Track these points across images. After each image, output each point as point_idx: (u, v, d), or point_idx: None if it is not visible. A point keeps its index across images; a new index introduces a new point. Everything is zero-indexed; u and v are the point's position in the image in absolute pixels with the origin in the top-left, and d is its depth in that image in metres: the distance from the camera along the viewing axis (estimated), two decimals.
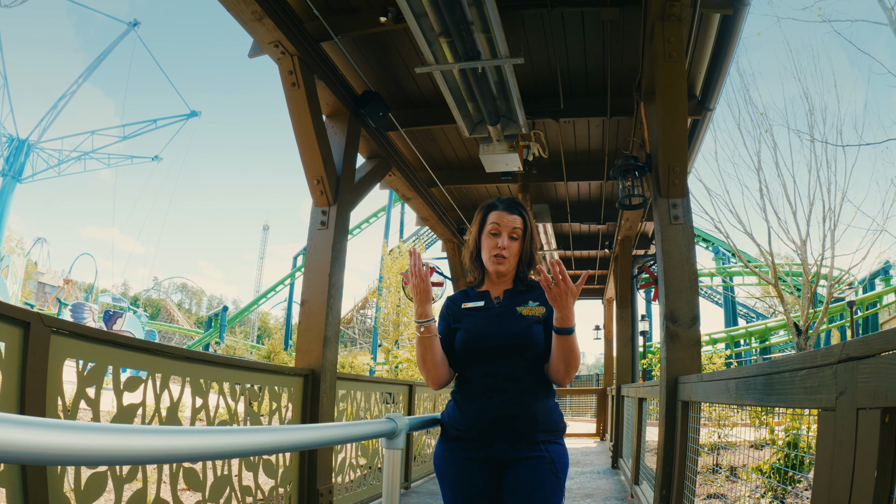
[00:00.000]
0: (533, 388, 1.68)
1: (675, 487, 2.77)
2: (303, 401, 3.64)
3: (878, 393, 1.03)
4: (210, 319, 38.82)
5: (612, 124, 5.08)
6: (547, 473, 1.63)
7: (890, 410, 1.03)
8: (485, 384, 1.68)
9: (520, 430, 1.64)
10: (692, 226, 3.63)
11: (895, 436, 1.03)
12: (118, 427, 0.73)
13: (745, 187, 18.33)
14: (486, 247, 1.78)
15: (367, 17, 3.69)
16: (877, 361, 1.05)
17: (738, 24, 3.63)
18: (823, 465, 1.23)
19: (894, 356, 0.99)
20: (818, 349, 1.39)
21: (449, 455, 1.72)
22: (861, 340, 1.10)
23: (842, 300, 15.51)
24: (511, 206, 1.80)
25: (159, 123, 37.14)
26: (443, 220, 7.34)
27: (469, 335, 1.72)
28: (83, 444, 0.67)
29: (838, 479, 1.16)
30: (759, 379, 1.84)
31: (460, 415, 1.71)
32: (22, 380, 1.83)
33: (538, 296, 1.77)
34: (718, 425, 4.87)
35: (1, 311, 1.80)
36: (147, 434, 0.80)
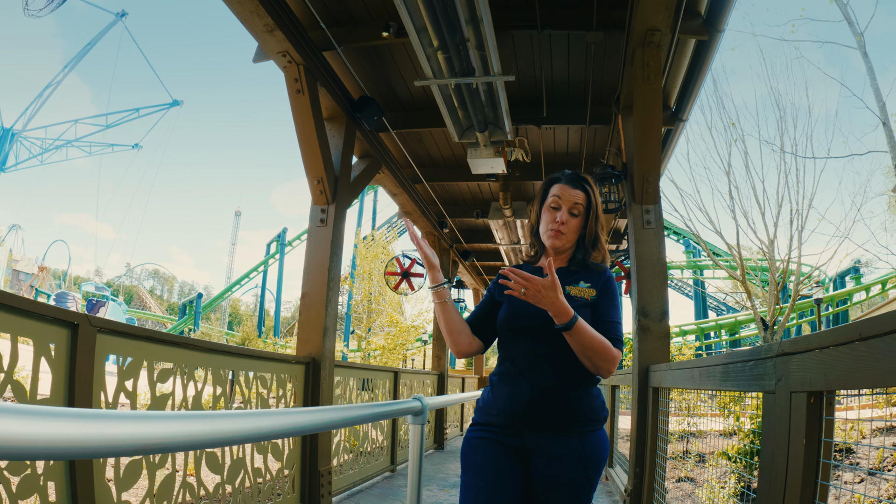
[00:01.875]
0: (572, 372, 1.55)
1: (647, 464, 3.15)
2: (304, 387, 3.90)
3: (805, 380, 1.37)
4: (184, 306, 38.59)
5: (591, 131, 5.42)
6: (576, 468, 1.51)
7: (814, 393, 1.36)
8: (522, 365, 1.58)
9: (553, 418, 1.53)
10: (663, 230, 4.01)
11: (818, 412, 1.37)
12: (199, 414, 0.88)
13: (717, 190, 19.19)
14: (545, 220, 1.70)
15: (368, 30, 3.91)
16: (803, 357, 1.38)
17: (712, 47, 3.98)
18: (767, 435, 1.57)
19: (815, 354, 1.33)
20: (761, 346, 1.73)
21: (475, 438, 1.62)
22: (791, 341, 1.44)
23: (810, 297, 16.29)
24: (575, 181, 1.69)
25: (142, 112, 37.61)
26: (425, 214, 7.61)
27: (512, 310, 1.63)
28: (174, 430, 0.78)
29: (779, 445, 1.50)
30: (718, 368, 2.20)
31: (493, 399, 1.62)
32: (70, 376, 2.02)
33: (592, 277, 1.67)
34: (689, 414, 5.28)
35: (51, 313, 2.00)
36: (223, 418, 0.93)
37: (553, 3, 3.80)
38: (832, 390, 1.31)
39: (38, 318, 1.93)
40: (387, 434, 5.80)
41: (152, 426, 0.77)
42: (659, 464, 3.05)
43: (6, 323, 1.81)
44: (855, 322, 1.20)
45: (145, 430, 0.75)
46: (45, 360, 1.95)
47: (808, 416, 1.37)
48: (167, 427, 0.81)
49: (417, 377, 7.42)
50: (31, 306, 1.92)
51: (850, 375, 1.21)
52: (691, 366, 2.62)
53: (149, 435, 0.75)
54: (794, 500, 1.26)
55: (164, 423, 0.80)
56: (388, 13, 3.84)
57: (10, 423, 0.52)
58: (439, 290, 1.66)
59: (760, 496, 1.50)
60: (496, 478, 1.53)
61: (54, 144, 34.93)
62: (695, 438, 6.05)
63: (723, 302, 35.26)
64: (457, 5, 3.29)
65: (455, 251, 9.52)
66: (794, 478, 1.29)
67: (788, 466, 1.34)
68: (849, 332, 1.21)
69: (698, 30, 3.77)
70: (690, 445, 6.14)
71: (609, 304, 1.64)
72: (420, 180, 6.67)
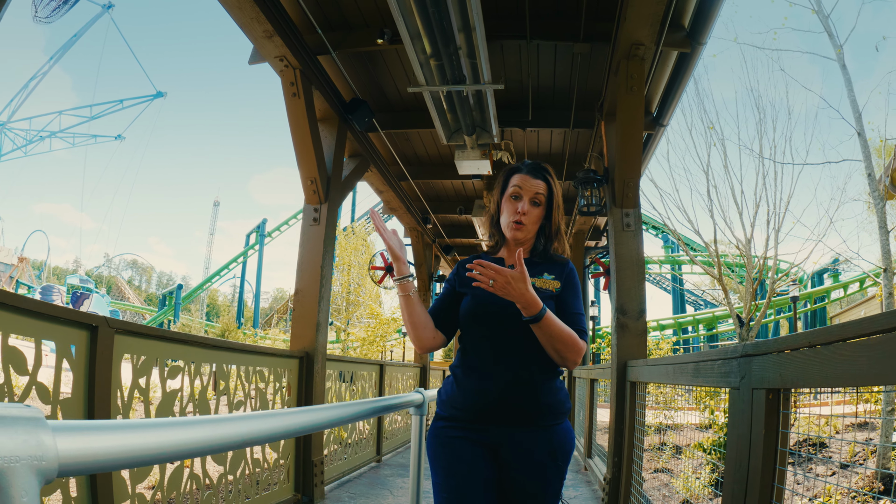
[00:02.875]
0: (537, 366, 1.53)
1: (625, 454, 3.38)
2: (298, 380, 4.05)
3: (764, 379, 1.58)
4: (164, 297, 38.35)
5: (573, 134, 5.62)
6: (547, 461, 1.52)
7: (772, 390, 1.57)
8: (486, 359, 1.55)
9: (520, 412, 1.52)
10: (642, 232, 4.23)
11: (776, 407, 1.58)
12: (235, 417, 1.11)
13: (696, 191, 19.62)
14: (505, 211, 1.66)
15: (362, 35, 4.03)
16: (763, 358, 1.59)
17: (694, 58, 4.19)
18: (733, 425, 1.78)
19: (773, 356, 1.54)
20: (728, 346, 1.95)
21: (442, 435, 1.58)
22: (753, 344, 1.65)
23: (787, 293, 16.73)
24: (536, 171, 1.66)
25: (126, 104, 37.93)
26: (410, 210, 7.76)
27: (475, 302, 1.59)
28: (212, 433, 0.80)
29: (742, 436, 1.71)
30: (690, 365, 2.42)
31: (458, 392, 1.57)
32: (90, 376, 2.14)
33: (555, 269, 1.66)
34: (666, 408, 5.57)
35: (71, 316, 2.11)
36: (252, 419, 0.98)
37: (543, 14, 3.96)
38: (787, 388, 1.53)
39: (59, 322, 2.04)
40: (373, 425, 5.97)
41: (217, 428, 0.85)
42: (636, 454, 3.29)
43: (30, 327, 1.92)
44: (805, 332, 1.40)
45: (216, 432, 0.84)
46: (67, 361, 2.07)
47: (766, 410, 1.58)
48: (230, 428, 0.91)
49: (401, 370, 7.60)
50: (53, 310, 2.03)
51: (801, 376, 1.42)
52: (666, 362, 2.84)
53: (215, 436, 0.81)
54: (756, 482, 1.47)
55: (226, 425, 0.91)
56: (383, 20, 3.97)
57: (128, 436, 0.65)
58: (404, 283, 1.61)
59: (727, 479, 1.71)
60: (468, 478, 1.50)
61: (38, 136, 35.11)
62: (672, 431, 6.36)
63: (700, 297, 35.46)
64: (451, 14, 3.43)
65: (437, 246, 9.68)
66: (756, 462, 1.50)
67: (751, 453, 1.55)
68: (799, 340, 1.42)
69: (681, 42, 3.97)
70: (666, 437, 6.45)
71: (573, 296, 1.64)
72: (406, 178, 6.81)
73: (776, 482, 1.43)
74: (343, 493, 4.44)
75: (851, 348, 1.24)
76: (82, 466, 0.55)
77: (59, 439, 0.52)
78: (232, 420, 0.85)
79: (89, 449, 0.56)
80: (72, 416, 2.07)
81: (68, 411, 2.06)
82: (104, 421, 0.63)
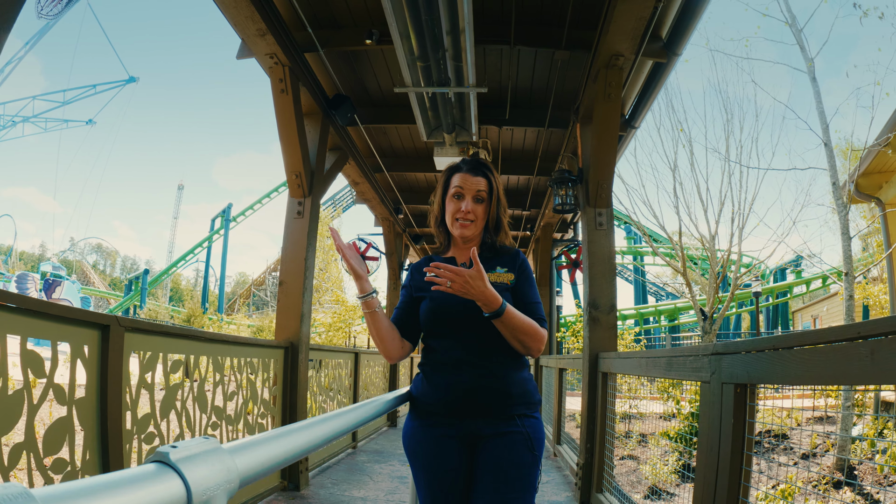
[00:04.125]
0: (504, 359, 1.59)
1: (597, 441, 3.65)
2: (284, 369, 4.15)
3: (733, 374, 1.82)
4: (130, 282, 37.53)
5: (548, 133, 5.83)
6: (523, 450, 1.55)
7: (739, 385, 1.81)
8: (455, 356, 1.58)
9: (492, 404, 1.56)
10: (613, 231, 4.48)
11: (743, 400, 1.82)
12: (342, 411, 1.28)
13: (662, 187, 20.31)
14: (449, 211, 1.69)
15: (350, 34, 4.09)
16: (732, 357, 1.83)
17: (669, 68, 4.44)
18: (704, 415, 2.02)
19: (741, 355, 1.77)
20: (700, 345, 2.19)
21: (419, 433, 1.62)
22: (724, 343, 1.89)
23: (749, 286, 17.41)
24: (475, 168, 1.69)
25: (98, 89, 37.62)
26: (383, 201, 7.86)
27: (434, 305, 1.62)
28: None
29: (712, 426, 1.95)
30: (663, 359, 2.67)
31: (430, 388, 1.62)
32: (102, 375, 2.20)
33: (506, 261, 1.70)
34: (630, 397, 5.89)
35: (84, 317, 2.17)
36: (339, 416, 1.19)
37: (528, 20, 4.12)
38: (754, 383, 1.77)
39: (73, 323, 2.10)
40: None
41: (331, 424, 1.07)
42: (608, 441, 3.56)
43: (46, 329, 1.97)
44: (769, 337, 1.64)
45: (331, 426, 1.06)
46: (80, 361, 2.13)
47: (735, 403, 1.82)
48: (339, 422, 1.13)
49: (375, 357, 7.75)
50: (68, 312, 2.08)
51: (766, 374, 1.66)
52: (639, 356, 3.10)
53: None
54: (726, 467, 1.71)
55: (336, 420, 1.12)
56: (371, 19, 4.04)
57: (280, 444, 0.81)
58: (368, 300, 1.61)
59: (699, 464, 1.96)
60: (448, 474, 1.56)
61: (11, 121, 34.54)
62: (637, 419, 6.74)
63: (662, 287, 35.89)
64: (441, 17, 3.54)
65: (407, 235, 9.82)
66: (726, 449, 1.74)
67: (721, 440, 1.79)
68: (765, 343, 1.66)
69: (658, 52, 4.19)
70: (632, 426, 6.84)
71: (529, 286, 1.68)
72: (381, 169, 6.90)
73: (744, 466, 1.67)
74: (325, 479, 4.59)
75: (808, 353, 1.48)
76: (253, 476, 0.69)
77: (236, 459, 0.66)
78: (338, 415, 1.11)
79: (255, 460, 0.70)
80: (86, 416, 2.14)
81: (83, 411, 2.13)
82: (258, 436, 0.76)
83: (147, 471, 0.53)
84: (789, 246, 11.36)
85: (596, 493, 3.60)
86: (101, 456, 2.18)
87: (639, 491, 4.84)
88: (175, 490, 0.53)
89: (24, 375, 1.90)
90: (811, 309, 24.05)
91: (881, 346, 1.20)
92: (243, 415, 3.46)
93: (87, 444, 2.13)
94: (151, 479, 0.52)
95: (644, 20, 3.37)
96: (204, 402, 2.99)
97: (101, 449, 2.18)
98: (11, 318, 1.83)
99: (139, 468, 0.53)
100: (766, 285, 24.29)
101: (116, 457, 2.22)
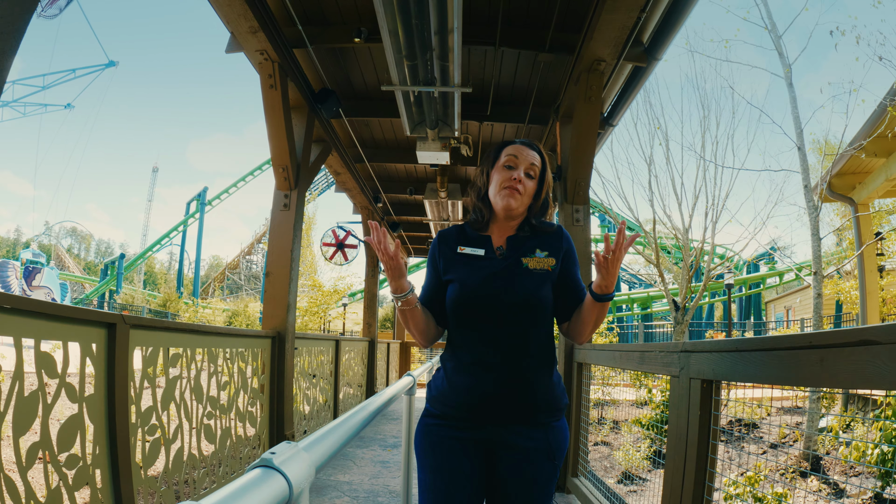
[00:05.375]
0: (536, 360, 1.47)
1: (573, 427, 3.89)
2: (271, 358, 4.26)
3: (700, 371, 2.03)
4: (106, 267, 37.04)
5: (527, 129, 5.99)
6: (543, 462, 1.46)
7: (706, 380, 2.02)
8: (479, 354, 1.45)
9: (517, 411, 1.45)
10: (590, 226, 4.69)
11: (709, 394, 2.03)
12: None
13: (638, 181, 20.64)
14: (497, 180, 1.54)
15: (338, 31, 4.14)
16: (699, 355, 2.04)
17: (649, 71, 4.62)
18: (673, 408, 2.24)
19: (707, 354, 1.98)
20: (670, 343, 2.40)
21: (434, 433, 1.49)
22: (692, 343, 2.10)
23: (722, 276, 17.83)
24: (530, 143, 1.60)
25: (78, 73, 37.90)
26: (363, 190, 7.93)
27: (464, 292, 1.48)
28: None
29: (681, 417, 2.16)
30: (636, 353, 2.89)
31: (450, 389, 1.48)
32: (110, 371, 2.29)
33: (546, 243, 1.55)
34: (604, 384, 6.12)
35: (91, 317, 2.25)
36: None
37: (514, 23, 4.23)
38: (719, 380, 1.98)
39: (82, 323, 2.18)
40: (329, 396, 6.26)
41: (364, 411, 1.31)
42: (582, 427, 3.80)
43: (57, 330, 2.05)
44: (733, 339, 1.84)
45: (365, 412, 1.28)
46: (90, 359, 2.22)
47: (702, 396, 2.03)
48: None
49: (353, 343, 7.89)
50: (77, 313, 2.17)
51: (729, 372, 1.87)
52: (614, 349, 3.33)
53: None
54: (693, 454, 1.93)
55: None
56: (360, 17, 4.10)
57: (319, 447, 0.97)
58: (409, 298, 1.48)
59: (669, 451, 2.18)
60: (457, 478, 1.45)
61: None
62: (609, 406, 7.02)
63: (635, 275, 37.20)
64: (430, 17, 3.62)
65: (386, 224, 9.91)
66: (693, 437, 1.95)
67: (689, 430, 2.00)
68: (727, 345, 1.87)
69: (638, 57, 4.36)
70: (605, 412, 7.13)
71: (578, 270, 1.60)
72: (362, 160, 6.97)
73: (710, 454, 1.89)
74: None
75: (766, 356, 1.69)
76: (321, 465, 0.85)
77: (310, 455, 0.81)
78: (363, 408, 1.31)
79: (321, 453, 0.86)
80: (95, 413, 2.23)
81: (92, 408, 2.22)
82: (317, 434, 0.91)
83: (257, 475, 0.67)
84: (760, 243, 11.73)
85: (571, 477, 3.84)
86: (110, 450, 2.28)
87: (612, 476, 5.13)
88: (281, 486, 0.68)
89: (39, 377, 1.98)
90: (784, 300, 24.77)
91: (829, 355, 1.40)
92: (235, 403, 3.57)
93: (97, 439, 2.22)
94: (263, 480, 0.66)
95: (627, 29, 3.53)
96: (200, 393, 3.09)
97: (109, 443, 2.27)
98: (25, 322, 1.91)
99: (251, 473, 0.67)
100: (740, 276, 24.84)
101: (123, 450, 2.32)
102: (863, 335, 1.23)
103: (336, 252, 8.89)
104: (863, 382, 1.26)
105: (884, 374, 1.15)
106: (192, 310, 24.76)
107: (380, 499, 3.86)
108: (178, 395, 2.84)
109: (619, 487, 4.72)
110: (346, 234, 9.03)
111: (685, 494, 2.00)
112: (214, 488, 3.17)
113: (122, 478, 2.30)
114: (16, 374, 1.83)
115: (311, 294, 18.05)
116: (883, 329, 1.16)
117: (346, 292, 19.24)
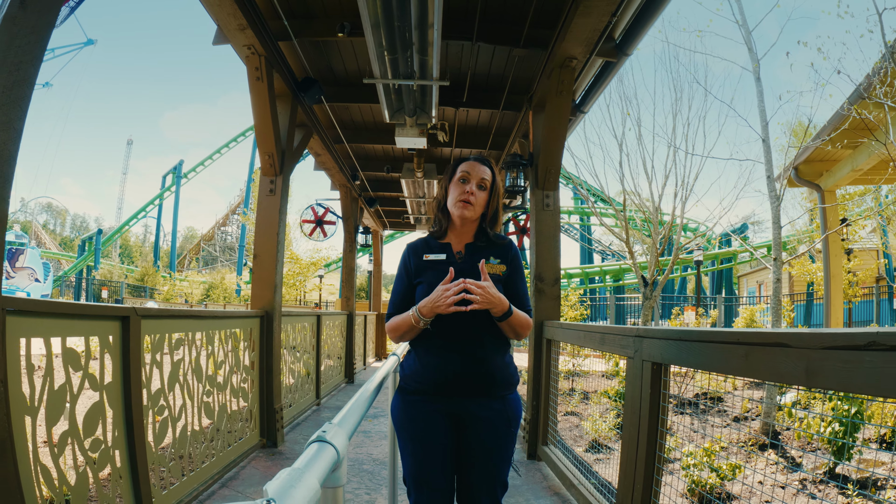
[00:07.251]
0: (492, 345, 1.79)
1: (542, 399, 4.26)
2: (260, 336, 4.50)
3: (651, 354, 2.36)
4: (83, 242, 36.19)
5: (501, 115, 6.20)
6: (504, 429, 1.80)
7: (656, 363, 2.36)
8: (449, 338, 1.75)
9: (479, 386, 1.77)
10: (559, 211, 4.99)
11: (659, 375, 2.37)
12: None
13: (610, 162, 20.92)
14: (454, 193, 1.84)
15: (322, 24, 4.25)
16: (650, 340, 2.37)
17: (619, 65, 4.85)
18: (629, 386, 2.58)
19: (657, 340, 2.31)
20: (627, 327, 2.73)
21: (410, 409, 1.80)
22: (644, 329, 2.43)
23: (691, 252, 18.10)
24: (482, 160, 1.88)
25: (57, 52, 37.74)
26: (342, 169, 8.05)
27: (432, 291, 1.74)
28: None
29: (634, 394, 2.50)
30: (597, 335, 3.23)
31: (422, 368, 1.79)
32: (125, 361, 2.50)
33: (500, 252, 1.86)
34: (574, 356, 6.45)
35: (106, 312, 2.44)
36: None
37: (490, 18, 4.40)
38: (666, 364, 2.32)
39: (100, 318, 2.38)
40: (312, 371, 6.54)
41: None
42: (552, 399, 4.18)
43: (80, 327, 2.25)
44: (678, 329, 2.17)
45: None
46: (107, 351, 2.43)
47: (652, 377, 2.37)
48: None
49: (332, 318, 8.14)
50: (94, 310, 2.38)
51: (674, 357, 2.20)
52: (578, 329, 3.67)
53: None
54: (644, 426, 2.28)
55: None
56: (343, 11, 4.22)
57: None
58: (429, 322, 1.76)
59: (626, 422, 2.53)
60: (433, 444, 1.76)
61: None
62: (579, 378, 7.39)
63: (608, 246, 36.73)
64: (411, 13, 3.77)
65: (363, 200, 10.07)
66: (644, 412, 2.30)
67: (641, 407, 2.35)
68: (673, 334, 2.19)
69: (609, 52, 4.58)
70: (575, 384, 7.51)
71: (520, 279, 1.89)
72: (341, 140, 7.09)
73: (659, 427, 2.24)
74: (297, 436, 5.04)
75: (704, 347, 2.01)
76: (350, 435, 1.13)
77: (343, 428, 1.09)
78: (369, 383, 1.52)
79: (349, 426, 1.16)
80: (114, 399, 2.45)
81: (111, 394, 2.44)
82: (343, 413, 1.18)
83: (317, 447, 0.95)
84: (731, 223, 12.14)
85: (542, 445, 4.24)
86: (127, 431, 2.51)
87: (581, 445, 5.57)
88: (332, 453, 0.95)
89: (66, 371, 2.19)
90: (756, 275, 25.30)
91: (753, 351, 1.70)
92: (229, 381, 3.81)
93: (116, 423, 2.45)
94: (321, 451, 0.93)
95: (598, 31, 3.75)
96: (200, 373, 3.32)
97: (126, 425, 2.51)
98: (54, 323, 2.11)
99: (313, 446, 0.95)
100: (712, 251, 25.20)
101: (139, 431, 2.56)
102: (778, 338, 1.50)
103: (315, 228, 9.03)
104: (777, 377, 1.53)
105: (792, 372, 1.42)
106: (170, 283, 24.50)
107: (364, 466, 4.20)
108: (181, 376, 3.08)
109: (587, 456, 5.16)
110: (324, 210, 9.16)
111: (639, 461, 2.35)
112: (214, 462, 3.45)
113: (138, 457, 2.54)
114: (46, 371, 2.04)
115: (288, 266, 18.09)
116: (794, 335, 1.44)
117: (322, 264, 19.33)
